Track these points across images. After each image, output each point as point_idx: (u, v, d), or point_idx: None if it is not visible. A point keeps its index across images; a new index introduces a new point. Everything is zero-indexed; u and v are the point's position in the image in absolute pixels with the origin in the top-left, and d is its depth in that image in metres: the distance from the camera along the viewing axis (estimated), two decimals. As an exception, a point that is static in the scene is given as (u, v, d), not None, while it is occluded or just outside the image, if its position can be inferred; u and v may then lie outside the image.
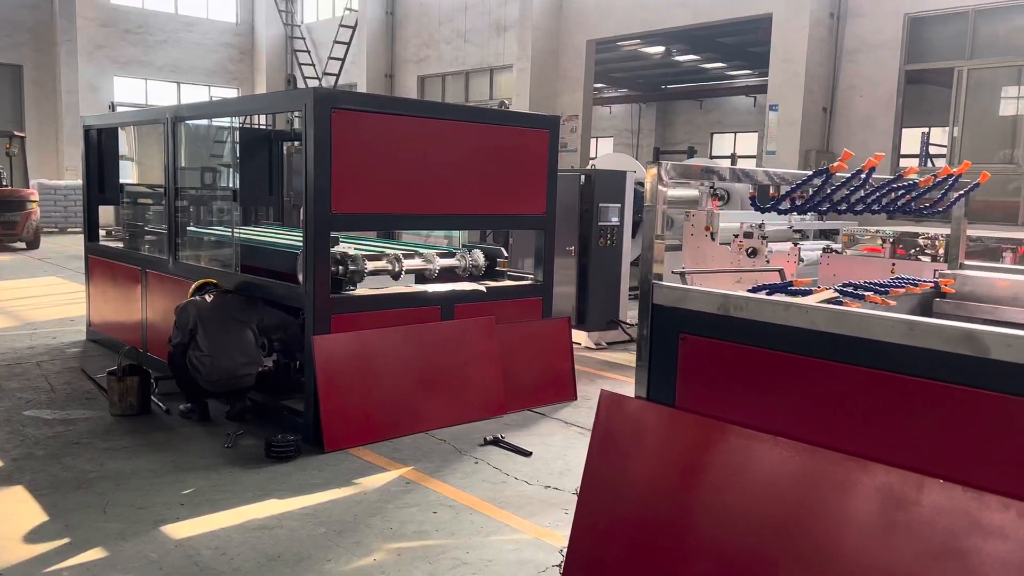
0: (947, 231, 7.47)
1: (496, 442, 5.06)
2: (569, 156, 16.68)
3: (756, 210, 3.05)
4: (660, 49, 20.07)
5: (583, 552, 2.81)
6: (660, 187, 2.73)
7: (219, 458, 4.71)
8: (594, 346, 8.45)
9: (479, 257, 6.08)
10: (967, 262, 3.99)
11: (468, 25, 19.70)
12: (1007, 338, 1.92)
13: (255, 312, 5.42)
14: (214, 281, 5.66)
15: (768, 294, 2.87)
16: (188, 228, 6.82)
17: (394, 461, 4.71)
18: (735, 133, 24.86)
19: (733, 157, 20.57)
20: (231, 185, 8.40)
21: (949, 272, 3.81)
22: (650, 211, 2.73)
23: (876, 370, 2.17)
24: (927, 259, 7.16)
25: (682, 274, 6.64)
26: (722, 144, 25.18)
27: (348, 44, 22.26)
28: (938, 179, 3.24)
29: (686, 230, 8.29)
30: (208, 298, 5.40)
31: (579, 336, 8.29)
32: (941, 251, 7.03)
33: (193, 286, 5.64)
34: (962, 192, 3.53)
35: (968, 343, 1.97)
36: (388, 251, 5.70)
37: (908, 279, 3.54)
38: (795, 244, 8.06)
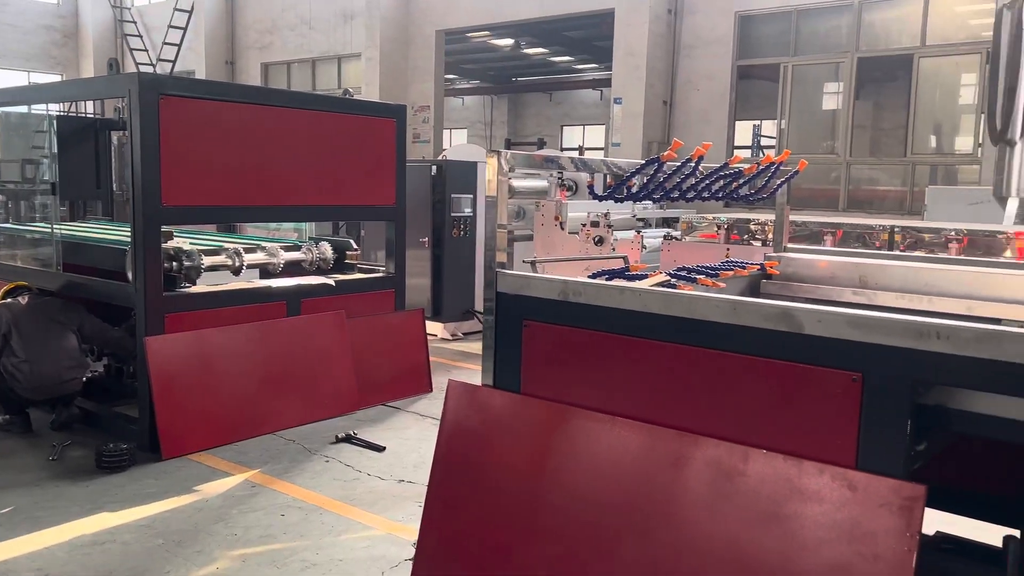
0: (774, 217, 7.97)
1: (348, 439, 4.96)
2: (422, 147, 16.59)
3: (595, 199, 3.12)
4: (509, 41, 20.29)
5: (433, 542, 2.79)
6: (501, 177, 2.73)
7: (43, 472, 4.35)
8: (450, 337, 8.45)
9: (327, 250, 5.92)
10: (791, 245, 4.26)
11: (313, 12, 19.13)
12: (818, 314, 2.05)
13: (77, 314, 5.04)
14: (25, 284, 5.22)
15: (608, 279, 2.94)
16: (1, 225, 6.24)
17: (239, 465, 4.52)
18: (584, 126, 25.54)
19: (581, 149, 21.12)
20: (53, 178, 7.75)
21: (774, 255, 4.04)
22: (492, 201, 2.73)
23: (705, 348, 2.27)
24: (758, 243, 7.61)
25: (533, 263, 6.73)
26: (572, 136, 25.82)
27: (184, 29, 21.09)
28: (761, 167, 3.43)
29: (536, 220, 8.41)
30: (23, 300, 4.97)
31: (435, 327, 8.26)
32: (770, 236, 7.50)
33: (1, 291, 5.19)
34: (783, 179, 3.75)
35: (785, 320, 2.09)
36: (228, 245, 5.44)
37: (737, 262, 3.74)
38: (638, 232, 8.36)
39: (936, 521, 3.20)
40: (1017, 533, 2.47)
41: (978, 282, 3.37)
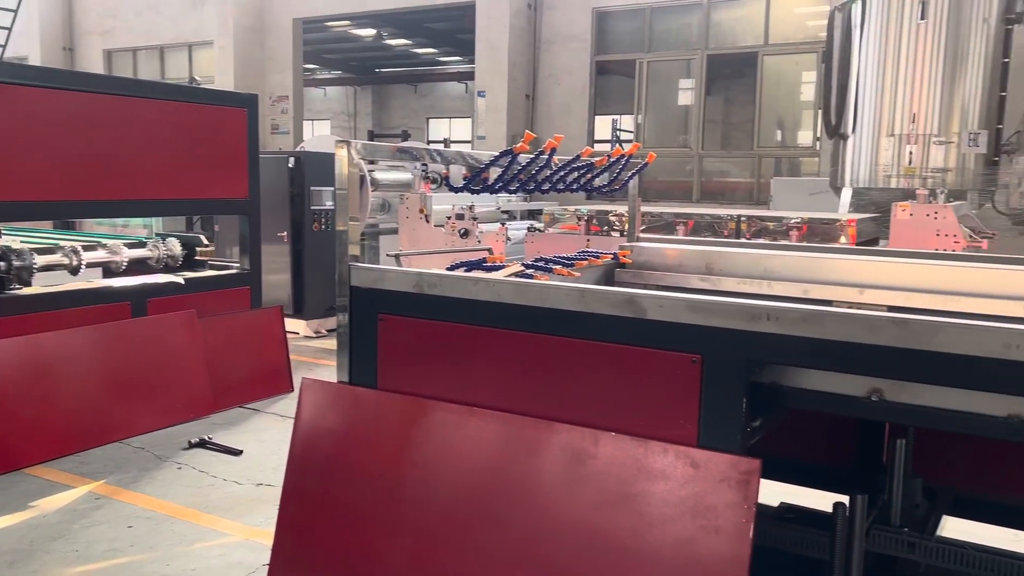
0: (642, 208, 8.22)
1: (203, 444, 4.74)
2: (282, 138, 16.08)
3: (451, 190, 3.11)
4: (371, 32, 19.97)
5: (289, 545, 2.71)
6: (352, 168, 2.67)
7: None
8: (313, 334, 8.25)
9: (175, 246, 5.64)
10: (644, 235, 4.42)
11: (160, -5, 18.15)
12: (659, 299, 2.13)
13: None
14: None
15: (467, 271, 2.95)
16: None
17: (81, 476, 4.23)
18: (450, 119, 25.52)
19: (446, 142, 21.08)
20: None
21: (627, 244, 4.17)
22: (343, 193, 2.66)
23: (557, 336, 2.31)
24: (617, 234, 7.85)
25: (397, 256, 6.66)
26: (439, 129, 25.74)
27: (15, 11, 19.48)
28: (612, 160, 3.53)
29: (401, 213, 8.33)
30: None
31: (296, 325, 8.04)
32: (638, 228, 7.75)
33: None
34: (634, 172, 3.87)
35: (630, 306, 2.16)
36: (64, 243, 5.08)
37: (592, 252, 3.83)
38: (503, 224, 8.44)
39: (781, 492, 3.41)
40: (847, 500, 2.65)
41: (813, 267, 3.58)
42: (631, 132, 14.51)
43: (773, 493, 3.42)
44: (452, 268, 3.00)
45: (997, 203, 8.31)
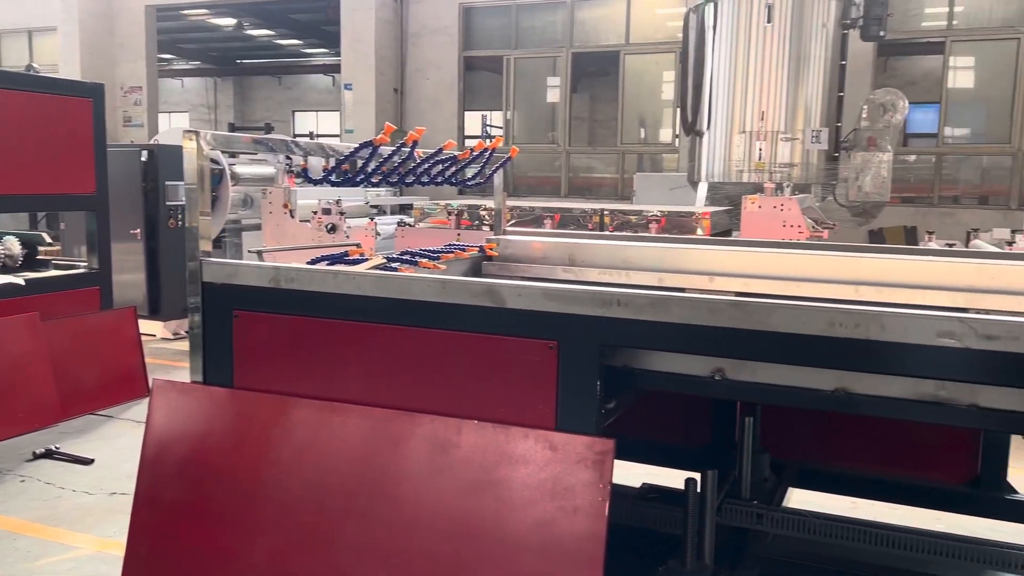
0: (511, 203, 8.31)
1: (49, 454, 4.45)
2: (136, 131, 15.23)
3: (310, 182, 3.05)
4: (231, 21, 19.22)
5: (143, 553, 2.59)
6: (201, 161, 2.57)
7: None
8: (171, 336, 7.88)
9: (13, 245, 5.25)
10: (511, 228, 4.47)
11: (-6, -24, 16.80)
12: (518, 289, 2.17)
13: None
14: None
15: (330, 265, 2.90)
16: None
17: (-93, 496, 3.89)
18: (317, 112, 24.93)
19: (312, 135, 20.60)
20: None
21: (494, 237, 4.22)
22: (192, 186, 2.56)
23: (420, 328, 2.31)
24: (487, 228, 7.91)
25: (260, 253, 6.46)
26: (305, 122, 25.10)
27: None
28: (475, 153, 3.56)
29: (264, 208, 8.08)
30: None
31: (153, 326, 7.66)
32: (504, 222, 7.84)
33: None
34: (498, 166, 3.92)
35: (489, 295, 2.19)
36: None
37: (458, 245, 3.85)
38: (371, 219, 8.34)
39: (644, 474, 3.54)
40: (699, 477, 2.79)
41: (668, 257, 3.73)
42: (501, 128, 14.65)
43: (637, 475, 3.56)
44: (313, 262, 2.95)
45: (838, 196, 8.94)
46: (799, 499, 3.69)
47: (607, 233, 6.64)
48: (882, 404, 1.91)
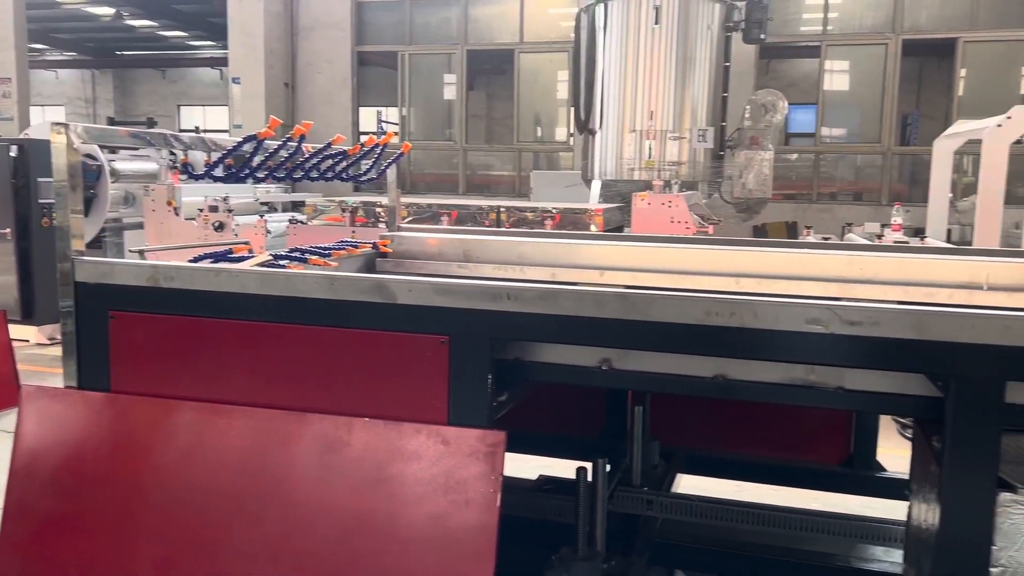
0: (407, 200, 8.25)
1: (-92, 470, 4.12)
2: (6, 125, 14.30)
3: (190, 178, 2.95)
4: (110, 10, 18.31)
5: (16, 569, 2.45)
6: (72, 158, 2.45)
7: None
8: (47, 341, 7.46)
9: None
10: (406, 225, 4.44)
11: None
12: (408, 284, 2.16)
13: None
14: None
15: (214, 263, 2.81)
16: None
17: None
18: (204, 106, 24.07)
19: (197, 130, 19.87)
20: None
21: (388, 234, 4.18)
22: (62, 183, 2.43)
23: (308, 325, 2.27)
24: (384, 226, 7.82)
25: (141, 252, 6.19)
26: (191, 117, 24.18)
27: None
28: (365, 148, 3.52)
29: (146, 206, 7.74)
30: None
31: (26, 331, 7.24)
32: (399, 219, 7.77)
33: None
34: (390, 161, 3.89)
35: (379, 291, 2.18)
36: None
37: (350, 242, 3.80)
38: (262, 217, 8.12)
39: (540, 466, 3.59)
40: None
41: (561, 252, 3.78)
42: (396, 124, 14.53)
43: (534, 467, 3.61)
44: (196, 260, 2.85)
45: (723, 193, 9.29)
46: (688, 484, 3.83)
47: (502, 229, 6.70)
48: (758, 389, 2.00)
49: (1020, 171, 6.63)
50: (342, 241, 3.81)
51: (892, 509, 2.96)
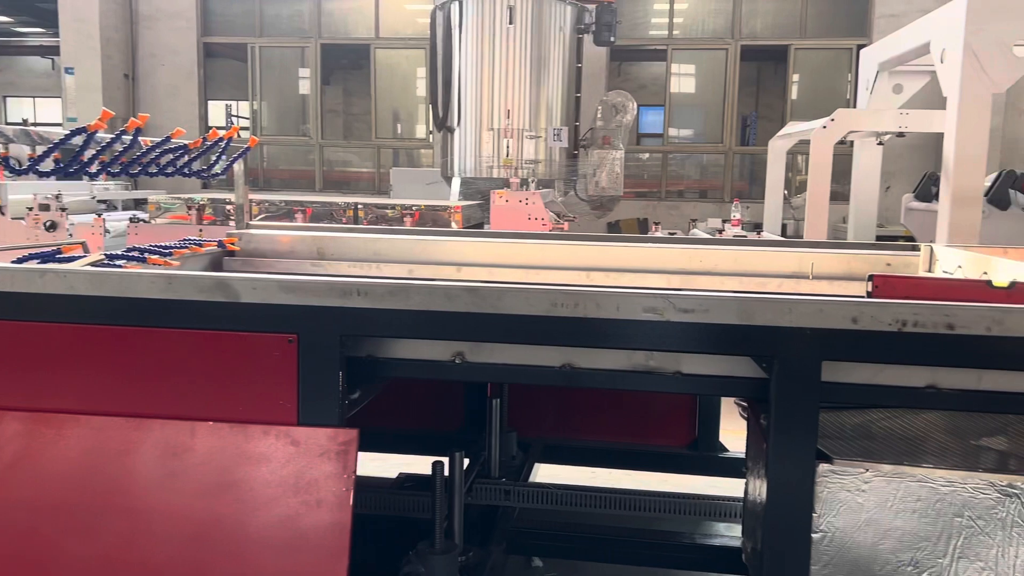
0: (260, 197, 7.97)
1: None
2: None
3: (12, 173, 2.73)
4: (-82, -10, 16.63)
5: None
6: None
7: None
8: None
9: None
10: (257, 223, 4.31)
11: None
12: (252, 282, 2.10)
13: None
14: None
15: (41, 263, 2.63)
16: None
17: None
18: (34, 97, 22.30)
19: (25, 122, 18.43)
20: None
21: (235, 232, 4.04)
22: None
23: (147, 327, 2.16)
24: (234, 224, 7.54)
25: (-39, 255, 5.67)
26: (20, 109, 22.36)
27: None
28: (208, 142, 3.38)
29: (-34, 204, 7.10)
30: None
31: None
32: (248, 216, 7.49)
33: None
34: (236, 156, 3.75)
35: (221, 290, 2.10)
36: None
37: (194, 240, 3.64)
38: (99, 216, 7.63)
39: (401, 463, 3.58)
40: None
41: (419, 249, 3.78)
42: (248, 119, 14.01)
43: (395, 465, 3.59)
44: (20, 261, 2.65)
45: (578, 191, 9.56)
46: (546, 473, 3.93)
47: (358, 227, 6.60)
48: (602, 376, 2.08)
49: (845, 170, 7.19)
50: (185, 239, 3.65)
51: (735, 487, 3.15)
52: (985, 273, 2.54)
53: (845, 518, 1.79)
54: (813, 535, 1.81)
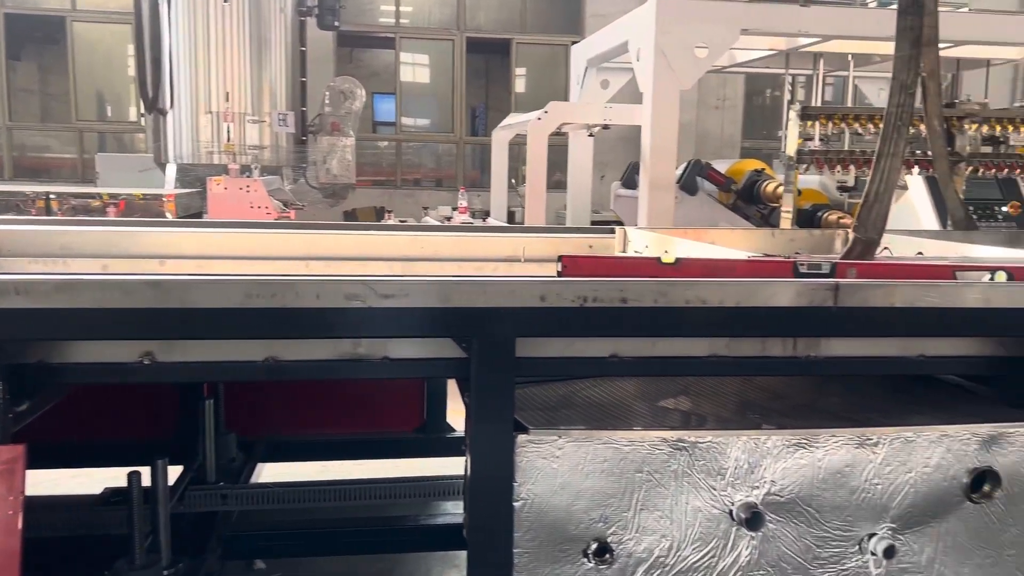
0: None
1: None
2: None
3: None
4: None
5: None
6: None
7: None
8: None
9: None
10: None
11: None
12: None
13: None
14: None
15: None
16: None
17: None
18: None
19: None
20: None
21: None
22: None
23: None
24: None
25: None
26: None
27: None
28: None
29: None
30: None
31: None
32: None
33: None
34: None
35: None
36: None
37: None
38: None
39: (109, 478, 3.24)
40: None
41: (116, 241, 3.45)
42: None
43: (98, 480, 3.25)
44: None
45: (309, 178, 9.29)
46: (273, 472, 3.78)
47: (41, 219, 5.89)
48: (310, 367, 2.02)
49: (561, 160, 7.66)
50: None
51: (462, 465, 3.24)
52: (667, 252, 2.82)
53: (543, 484, 1.89)
54: (515, 503, 1.90)
